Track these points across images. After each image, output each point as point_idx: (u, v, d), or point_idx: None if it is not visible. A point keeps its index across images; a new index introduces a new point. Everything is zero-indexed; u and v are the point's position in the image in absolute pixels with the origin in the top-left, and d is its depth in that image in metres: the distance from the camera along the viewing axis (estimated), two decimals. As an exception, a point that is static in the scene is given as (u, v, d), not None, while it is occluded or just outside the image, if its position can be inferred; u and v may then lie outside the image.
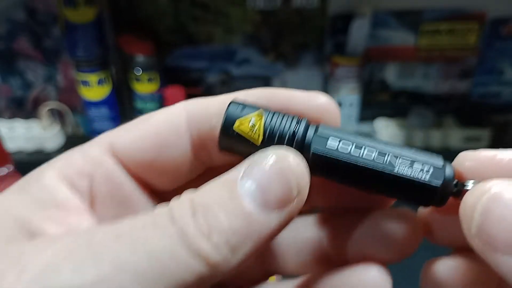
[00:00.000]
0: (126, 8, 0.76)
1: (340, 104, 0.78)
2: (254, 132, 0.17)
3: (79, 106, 0.82)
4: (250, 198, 0.15)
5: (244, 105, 0.18)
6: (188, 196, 0.16)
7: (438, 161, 0.17)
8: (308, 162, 0.17)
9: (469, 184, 0.17)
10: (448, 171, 0.17)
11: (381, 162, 0.17)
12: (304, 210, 0.20)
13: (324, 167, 0.18)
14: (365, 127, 0.82)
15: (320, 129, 0.18)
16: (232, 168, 0.16)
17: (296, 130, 0.18)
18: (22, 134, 0.78)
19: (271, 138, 0.17)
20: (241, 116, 0.18)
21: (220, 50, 0.79)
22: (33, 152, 0.78)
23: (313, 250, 0.21)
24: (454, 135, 0.77)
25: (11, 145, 0.76)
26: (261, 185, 0.15)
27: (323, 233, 0.21)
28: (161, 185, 0.21)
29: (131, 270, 0.14)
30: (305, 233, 0.21)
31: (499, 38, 0.76)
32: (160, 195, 0.21)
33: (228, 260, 0.15)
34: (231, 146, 0.18)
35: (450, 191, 0.17)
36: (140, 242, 0.14)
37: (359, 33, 0.73)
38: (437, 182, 0.17)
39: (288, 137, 0.17)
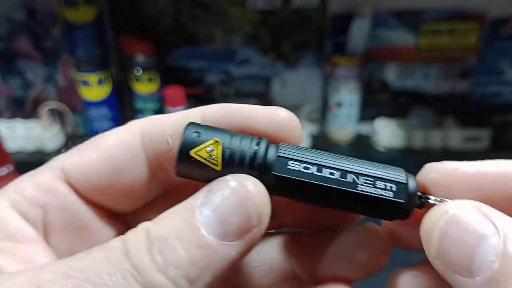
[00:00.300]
0: (126, 8, 0.76)
1: (340, 104, 0.78)
2: (212, 158, 0.17)
3: (79, 106, 0.82)
4: (208, 229, 0.15)
5: (200, 130, 0.17)
6: (143, 227, 0.15)
7: (401, 176, 0.17)
8: (270, 184, 0.17)
9: (432, 198, 0.17)
10: (411, 185, 0.17)
11: (344, 182, 0.17)
12: (273, 230, 0.21)
13: (286, 188, 0.17)
14: (365, 127, 0.82)
15: (280, 150, 0.17)
16: (190, 197, 0.16)
17: (257, 152, 0.17)
18: (22, 134, 0.78)
19: (231, 162, 0.17)
20: (198, 143, 0.17)
21: (220, 50, 0.79)
22: (33, 152, 0.78)
23: (282, 271, 0.20)
24: (454, 135, 0.77)
25: (11, 145, 0.76)
26: (220, 215, 0.15)
27: (291, 253, 0.20)
28: (119, 208, 0.20)
29: None
30: (273, 253, 0.20)
31: (499, 38, 0.76)
32: (120, 217, 0.20)
33: None
34: (189, 172, 0.18)
35: (414, 204, 0.17)
36: (91, 281, 0.14)
37: (359, 33, 0.73)
38: (401, 198, 0.17)
39: (249, 160, 0.17)
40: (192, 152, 0.17)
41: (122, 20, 0.77)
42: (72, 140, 0.82)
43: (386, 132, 0.78)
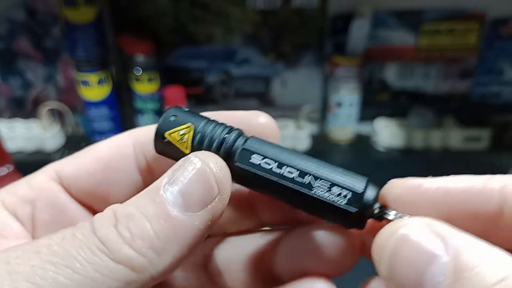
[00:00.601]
0: (126, 8, 0.76)
1: (340, 104, 0.78)
2: (183, 141, 0.18)
3: (79, 106, 0.82)
4: (172, 202, 0.16)
5: (178, 114, 0.19)
6: (111, 207, 0.16)
7: (360, 185, 0.17)
8: (232, 172, 0.18)
9: (391, 213, 0.17)
10: (368, 196, 0.17)
11: (300, 182, 0.17)
12: (252, 228, 0.22)
13: (246, 179, 0.18)
14: (365, 127, 0.82)
15: (248, 142, 0.18)
16: (158, 179, 0.17)
17: (225, 140, 0.18)
18: (22, 134, 0.78)
19: (200, 147, 0.18)
20: (172, 126, 0.18)
21: (220, 50, 0.79)
22: (33, 152, 0.78)
23: (256, 266, 0.21)
24: (454, 135, 0.77)
25: (11, 145, 0.76)
26: (183, 188, 0.16)
27: (265, 250, 0.21)
28: None
29: (49, 286, 0.14)
30: (249, 250, 0.21)
31: (499, 38, 0.76)
32: None
33: (156, 263, 0.15)
34: (165, 151, 0.19)
35: (370, 215, 0.17)
36: (58, 255, 0.14)
37: (359, 33, 0.73)
38: (353, 208, 0.17)
39: (216, 146, 0.18)
40: (166, 134, 0.18)
41: (122, 20, 0.77)
42: (72, 140, 0.83)
43: (386, 132, 0.78)
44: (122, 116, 0.81)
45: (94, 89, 0.75)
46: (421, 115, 0.78)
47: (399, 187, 0.17)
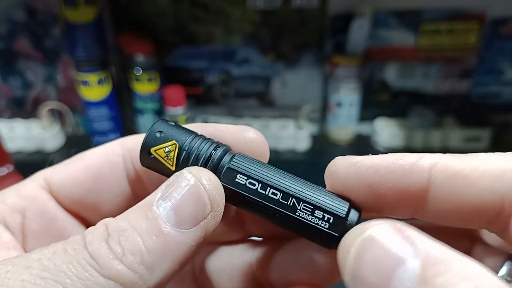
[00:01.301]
0: (126, 8, 0.76)
1: (340, 104, 0.78)
2: (169, 158, 0.18)
3: (79, 106, 0.82)
4: (165, 218, 0.16)
5: (164, 130, 0.18)
6: (104, 221, 0.16)
7: (342, 209, 0.17)
8: None
9: None
10: (350, 219, 0.17)
11: (285, 204, 0.18)
12: (240, 239, 0.22)
13: (231, 198, 0.18)
14: (365, 127, 0.82)
15: (233, 161, 0.18)
16: (150, 194, 0.17)
17: (211, 157, 0.18)
18: (22, 134, 0.78)
19: (185, 164, 0.18)
20: (158, 142, 0.18)
21: (220, 50, 0.79)
22: (33, 152, 0.78)
23: (245, 276, 0.21)
24: (454, 135, 0.77)
25: (11, 145, 0.76)
26: (176, 205, 0.16)
27: (254, 260, 0.21)
28: (98, 220, 0.21)
29: None
30: (237, 260, 0.21)
31: (499, 38, 0.76)
32: None
33: (146, 280, 0.15)
34: (150, 165, 0.19)
35: None
36: (49, 270, 0.14)
37: (359, 33, 0.73)
38: (335, 231, 0.17)
39: (201, 163, 0.18)
40: (152, 150, 0.18)
41: (122, 20, 0.77)
42: (72, 140, 0.83)
43: (386, 132, 0.78)
44: (122, 116, 0.81)
45: (94, 89, 0.75)
46: (421, 115, 0.78)
47: (338, 165, 0.18)
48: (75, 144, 0.81)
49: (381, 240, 0.14)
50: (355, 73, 0.75)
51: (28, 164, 0.73)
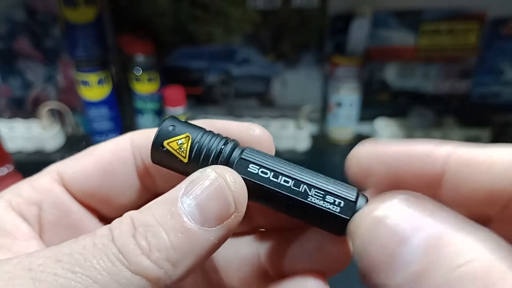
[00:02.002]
0: (126, 8, 0.76)
1: (340, 104, 0.78)
2: (182, 150, 0.19)
3: (79, 106, 0.82)
4: (190, 216, 0.16)
5: (176, 124, 0.19)
6: (129, 215, 0.16)
7: (352, 194, 0.18)
8: None
9: None
10: (359, 204, 0.18)
11: (297, 191, 0.18)
12: (247, 230, 0.22)
13: None
14: (365, 127, 0.82)
15: (245, 152, 0.19)
16: (173, 189, 0.17)
17: (222, 151, 0.19)
18: (22, 134, 0.78)
19: (197, 157, 0.19)
20: (171, 135, 0.19)
21: (220, 50, 0.79)
22: (33, 152, 0.78)
23: (253, 266, 0.22)
24: (454, 135, 0.77)
25: (11, 145, 0.76)
26: (201, 203, 0.16)
27: (261, 250, 0.22)
28: (109, 212, 0.21)
29: None
30: (245, 250, 0.22)
31: (499, 38, 0.76)
32: (110, 222, 0.22)
33: (170, 275, 0.15)
34: (161, 160, 0.19)
35: None
36: (79, 264, 0.15)
37: (359, 33, 0.73)
38: (346, 215, 0.18)
39: (213, 157, 0.19)
40: (165, 143, 0.19)
41: (122, 20, 0.77)
42: (72, 140, 0.83)
43: (386, 132, 0.78)
44: (122, 116, 0.81)
45: (94, 89, 0.75)
46: (421, 115, 0.78)
47: (361, 150, 0.19)
48: (75, 144, 0.81)
49: (385, 219, 0.15)
50: (355, 73, 0.75)
51: (28, 164, 0.73)
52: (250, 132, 0.20)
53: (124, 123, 0.82)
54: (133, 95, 0.77)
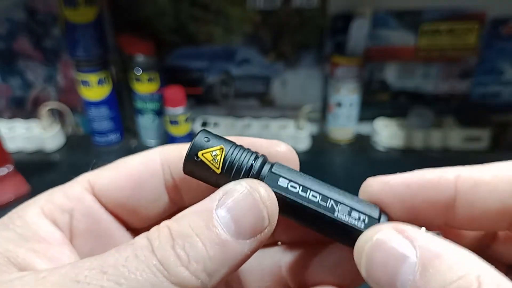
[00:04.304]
0: (126, 8, 0.76)
1: (340, 104, 0.78)
2: (215, 161, 0.19)
3: (79, 106, 0.82)
4: (225, 228, 0.17)
5: (210, 137, 0.20)
6: (166, 225, 0.17)
7: (375, 212, 0.19)
8: None
9: None
10: (383, 221, 0.19)
11: (324, 206, 0.19)
12: (270, 243, 0.23)
13: None
14: (365, 127, 0.82)
15: (274, 167, 0.20)
16: (206, 198, 0.18)
17: (253, 164, 0.19)
18: (22, 134, 0.78)
19: (230, 169, 0.19)
20: (206, 147, 0.20)
21: (220, 50, 0.79)
22: (33, 152, 0.78)
23: (274, 277, 0.23)
24: (454, 135, 0.77)
25: (11, 145, 0.76)
26: (235, 216, 0.17)
27: (283, 262, 0.23)
28: (136, 222, 0.22)
29: None
30: (267, 261, 0.23)
31: (499, 38, 0.76)
32: (137, 232, 0.22)
33: (205, 284, 0.16)
34: (194, 171, 0.20)
35: None
36: (124, 276, 0.15)
37: (359, 33, 0.73)
38: None
39: (245, 170, 0.19)
40: (200, 153, 0.19)
41: (122, 20, 0.77)
42: (72, 140, 0.83)
43: (386, 132, 0.78)
44: (122, 116, 0.81)
45: (94, 89, 0.75)
46: (421, 115, 0.78)
47: (372, 185, 0.20)
48: (75, 144, 0.81)
49: (386, 242, 0.16)
50: (355, 73, 0.75)
51: (28, 164, 0.73)
52: (277, 148, 0.21)
53: (124, 123, 0.82)
54: (133, 95, 0.77)
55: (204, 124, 0.80)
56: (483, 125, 0.78)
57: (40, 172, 0.71)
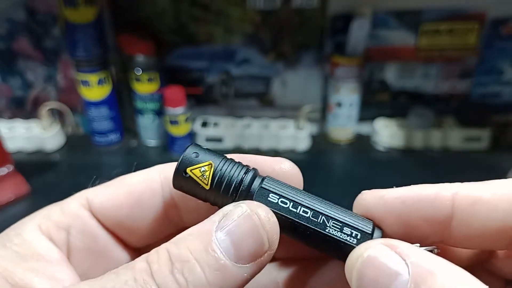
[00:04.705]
0: (126, 8, 0.76)
1: (340, 104, 0.78)
2: (204, 178, 0.19)
3: (79, 106, 0.82)
4: (224, 252, 0.16)
5: (199, 152, 0.20)
6: (165, 248, 0.17)
7: (367, 227, 0.19)
8: None
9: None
10: (376, 236, 0.19)
11: (315, 221, 0.19)
12: None
13: None
14: (365, 127, 0.82)
15: (265, 182, 0.19)
16: (205, 220, 0.17)
17: (243, 179, 0.19)
18: (22, 134, 0.78)
19: (219, 185, 0.19)
20: (195, 163, 0.19)
21: (220, 50, 0.79)
22: (33, 152, 0.78)
23: None
24: (454, 135, 0.77)
25: (11, 145, 0.76)
26: (235, 240, 0.17)
27: (280, 278, 0.22)
28: (133, 241, 0.22)
29: None
30: (264, 278, 0.22)
31: (499, 38, 0.76)
32: (135, 250, 0.22)
33: None
34: (183, 186, 0.20)
35: None
36: None
37: (359, 33, 0.73)
38: None
39: (235, 185, 0.19)
40: (188, 170, 0.19)
41: (122, 20, 0.77)
42: (72, 140, 0.82)
43: (386, 132, 0.78)
44: (122, 116, 0.81)
45: (94, 89, 0.75)
46: (421, 115, 0.78)
47: (366, 199, 0.19)
48: (75, 144, 0.81)
49: (378, 258, 0.16)
50: (355, 73, 0.75)
51: (28, 164, 0.73)
52: (280, 166, 0.21)
53: (124, 123, 0.82)
54: (133, 95, 0.77)
55: (204, 124, 0.80)
56: (483, 125, 0.78)
57: (40, 172, 0.71)
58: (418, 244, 0.17)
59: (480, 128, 0.77)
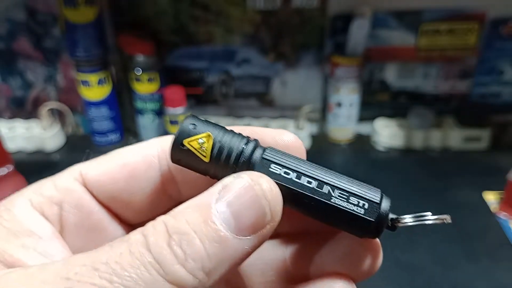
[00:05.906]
0: (126, 8, 0.76)
1: (340, 104, 0.78)
2: (202, 149, 0.18)
3: (79, 106, 0.82)
4: (224, 224, 0.16)
5: (197, 123, 0.19)
6: (162, 220, 0.16)
7: (375, 196, 0.18)
8: None
9: (406, 218, 0.18)
10: (384, 206, 0.18)
11: (320, 192, 0.18)
12: (272, 234, 0.22)
13: None
14: (365, 127, 0.82)
15: (266, 152, 0.18)
16: (204, 192, 0.17)
17: (243, 150, 0.18)
18: (22, 134, 0.78)
19: (219, 156, 0.18)
20: (192, 134, 0.18)
21: (220, 50, 0.79)
22: (33, 152, 0.78)
23: (277, 270, 0.21)
24: (454, 135, 0.77)
25: (11, 145, 0.76)
26: (235, 211, 0.16)
27: (287, 254, 0.21)
28: (129, 216, 0.21)
29: None
30: (270, 254, 0.21)
31: (499, 38, 0.76)
32: (130, 226, 0.22)
33: (203, 283, 0.15)
34: (181, 159, 0.19)
35: (385, 225, 0.18)
36: (117, 274, 0.14)
37: (359, 33, 0.73)
38: (371, 217, 0.18)
39: (235, 156, 0.18)
40: (186, 141, 0.18)
41: (122, 20, 0.77)
42: (72, 140, 0.83)
43: (386, 132, 0.78)
44: (122, 116, 0.81)
45: (94, 89, 0.75)
46: (421, 115, 0.78)
47: None
48: (75, 144, 0.81)
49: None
50: (355, 73, 0.75)
51: (28, 164, 0.73)
52: (282, 138, 0.20)
53: (124, 123, 0.82)
54: (133, 95, 0.77)
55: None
56: (483, 125, 0.78)
57: (40, 172, 0.71)
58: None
59: (480, 128, 0.77)
